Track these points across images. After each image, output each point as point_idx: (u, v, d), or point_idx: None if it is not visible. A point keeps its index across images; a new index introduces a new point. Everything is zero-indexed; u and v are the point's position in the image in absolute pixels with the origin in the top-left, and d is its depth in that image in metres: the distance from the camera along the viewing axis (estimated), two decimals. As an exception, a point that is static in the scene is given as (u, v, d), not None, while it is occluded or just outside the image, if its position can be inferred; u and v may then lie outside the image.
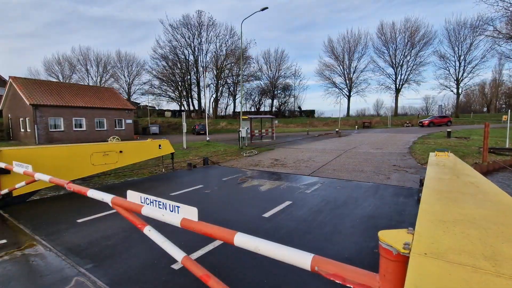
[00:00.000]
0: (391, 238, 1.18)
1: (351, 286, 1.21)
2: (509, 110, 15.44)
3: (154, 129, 39.09)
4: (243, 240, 1.64)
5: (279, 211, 5.29)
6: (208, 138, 23.50)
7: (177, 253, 2.22)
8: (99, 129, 29.50)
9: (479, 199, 1.89)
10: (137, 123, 40.78)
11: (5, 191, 5.65)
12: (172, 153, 9.79)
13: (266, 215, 5.11)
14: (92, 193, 2.96)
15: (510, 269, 0.96)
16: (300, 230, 4.44)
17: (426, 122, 37.37)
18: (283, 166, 10.76)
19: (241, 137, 18.90)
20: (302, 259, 1.37)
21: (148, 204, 2.26)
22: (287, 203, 5.77)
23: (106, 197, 2.73)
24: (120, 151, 7.72)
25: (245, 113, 57.29)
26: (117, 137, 23.87)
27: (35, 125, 24.23)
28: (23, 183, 4.97)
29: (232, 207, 5.77)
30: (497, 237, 1.24)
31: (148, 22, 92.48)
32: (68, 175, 6.55)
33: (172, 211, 2.06)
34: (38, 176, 4.23)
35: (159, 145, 9.04)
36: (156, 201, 2.18)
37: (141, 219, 2.50)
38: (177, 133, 36.13)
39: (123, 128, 31.95)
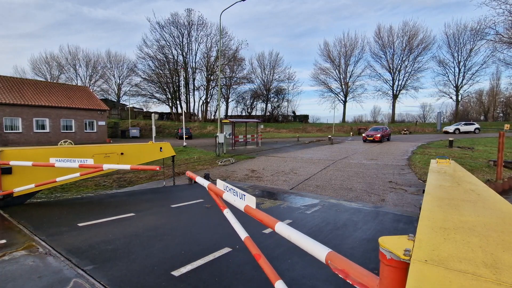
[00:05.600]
0: (392, 244, 1.19)
1: (350, 282, 1.25)
2: None
3: (134, 132, 35.64)
4: (280, 228, 1.89)
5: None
6: (185, 144, 21.80)
7: (242, 233, 2.66)
8: (65, 131, 27.01)
9: (480, 207, 1.89)
10: (117, 125, 37.79)
11: (6, 191, 5.67)
12: (173, 156, 9.79)
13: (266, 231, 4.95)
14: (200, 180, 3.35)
15: (511, 277, 0.96)
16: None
17: (378, 136, 25.98)
18: (258, 180, 9.62)
19: (218, 143, 16.86)
20: (319, 251, 1.50)
21: (227, 191, 2.70)
22: (287, 221, 5.49)
23: (205, 182, 3.22)
24: (122, 153, 7.73)
25: (232, 117, 55.87)
26: (69, 141, 21.68)
27: (-14, 126, 22.04)
28: (31, 186, 4.98)
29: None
30: (498, 245, 1.24)
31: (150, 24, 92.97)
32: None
33: (241, 198, 2.46)
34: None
35: (160, 148, 9.04)
36: (232, 189, 2.61)
37: (223, 202, 2.97)
38: (159, 137, 32.66)
39: (95, 131, 29.27)
